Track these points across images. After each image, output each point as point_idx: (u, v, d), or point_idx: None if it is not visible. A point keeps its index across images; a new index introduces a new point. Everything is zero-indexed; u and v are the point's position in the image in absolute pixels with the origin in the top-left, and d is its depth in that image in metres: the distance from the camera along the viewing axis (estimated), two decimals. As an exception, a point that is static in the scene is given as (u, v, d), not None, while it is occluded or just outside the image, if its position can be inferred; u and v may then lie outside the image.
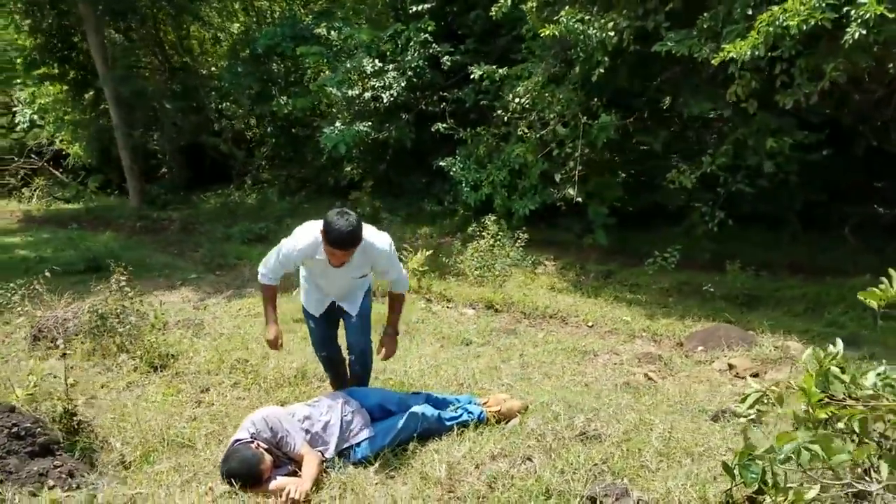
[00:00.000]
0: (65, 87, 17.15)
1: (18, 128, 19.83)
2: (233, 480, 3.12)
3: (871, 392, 2.54)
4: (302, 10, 15.80)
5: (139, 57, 16.90)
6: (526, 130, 9.79)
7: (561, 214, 10.74)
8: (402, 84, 11.85)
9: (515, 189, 10.50)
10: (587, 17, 8.01)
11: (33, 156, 19.60)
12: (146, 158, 16.89)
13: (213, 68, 16.75)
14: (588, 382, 4.99)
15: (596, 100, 9.23)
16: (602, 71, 8.09)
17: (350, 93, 12.13)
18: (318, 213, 13.01)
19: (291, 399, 4.43)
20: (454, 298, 7.73)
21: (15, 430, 2.80)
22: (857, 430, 2.47)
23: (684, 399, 4.51)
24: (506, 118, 10.17)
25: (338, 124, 12.37)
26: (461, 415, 3.80)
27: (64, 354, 5.53)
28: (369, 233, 3.64)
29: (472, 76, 10.45)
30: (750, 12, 6.60)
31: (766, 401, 2.74)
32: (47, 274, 6.70)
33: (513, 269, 8.96)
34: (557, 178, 9.56)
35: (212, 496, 3.07)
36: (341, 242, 3.39)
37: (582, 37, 8.02)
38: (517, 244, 8.93)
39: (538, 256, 9.96)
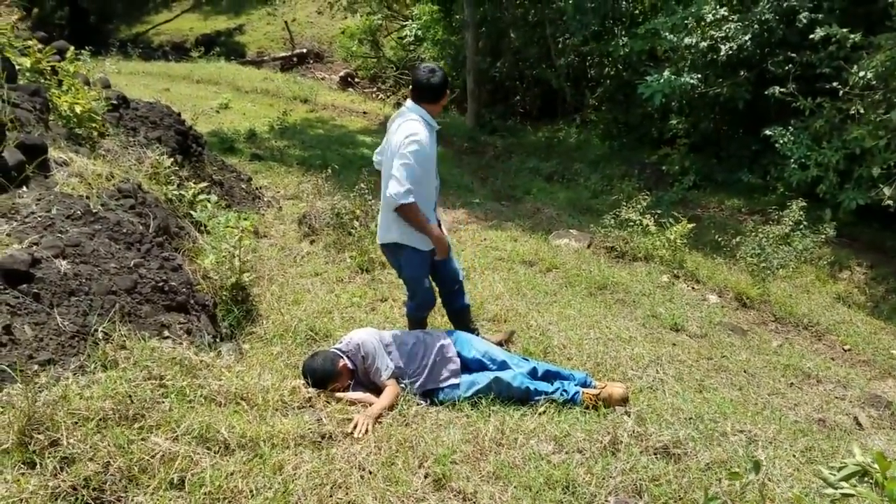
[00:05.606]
0: (438, 7, 18.78)
1: (405, 41, 22.37)
2: (307, 376, 3.40)
3: None
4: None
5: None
6: (862, 111, 8.13)
7: (901, 218, 8.88)
8: (747, 37, 10.67)
9: (850, 177, 8.92)
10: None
11: (407, 69, 22.08)
12: (489, 84, 17.80)
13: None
14: (776, 407, 4.19)
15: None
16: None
17: (687, 40, 11.32)
18: (631, 162, 12.58)
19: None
20: (704, 280, 6.97)
21: (161, 284, 3.40)
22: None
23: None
24: (842, 92, 8.52)
25: (666, 73, 11.65)
26: (555, 391, 3.57)
27: (312, 241, 6.39)
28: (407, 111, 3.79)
29: (830, 38, 8.93)
30: None
31: (867, 479, 2.13)
32: (329, 171, 7.70)
33: (804, 266, 7.77)
34: (875, 171, 7.82)
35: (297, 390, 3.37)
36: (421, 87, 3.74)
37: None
38: (819, 239, 7.56)
39: (848, 260, 8.45)
